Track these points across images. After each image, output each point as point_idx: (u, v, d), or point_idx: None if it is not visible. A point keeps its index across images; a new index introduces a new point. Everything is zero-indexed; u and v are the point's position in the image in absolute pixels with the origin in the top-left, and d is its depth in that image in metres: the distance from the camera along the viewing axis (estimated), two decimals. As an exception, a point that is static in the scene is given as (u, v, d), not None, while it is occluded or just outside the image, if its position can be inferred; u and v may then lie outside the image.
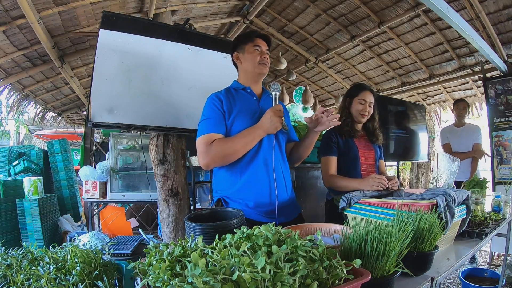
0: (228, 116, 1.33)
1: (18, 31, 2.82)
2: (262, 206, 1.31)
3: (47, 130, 7.95)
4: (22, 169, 2.67)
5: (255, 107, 1.39)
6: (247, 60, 1.41)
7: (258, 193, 1.31)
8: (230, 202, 1.35)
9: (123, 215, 3.99)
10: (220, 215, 1.04)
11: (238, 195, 1.33)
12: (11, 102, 4.12)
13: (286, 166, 1.44)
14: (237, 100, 1.38)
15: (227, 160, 1.30)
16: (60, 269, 0.69)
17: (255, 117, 1.33)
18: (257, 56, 1.39)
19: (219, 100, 1.35)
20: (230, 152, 1.27)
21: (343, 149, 1.78)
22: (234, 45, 1.48)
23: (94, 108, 1.88)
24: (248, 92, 1.43)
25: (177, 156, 2.41)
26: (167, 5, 3.14)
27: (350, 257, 0.72)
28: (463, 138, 3.35)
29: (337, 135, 1.80)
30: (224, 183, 1.37)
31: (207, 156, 1.28)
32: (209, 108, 1.35)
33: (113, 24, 1.96)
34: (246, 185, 1.31)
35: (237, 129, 1.31)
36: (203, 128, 1.32)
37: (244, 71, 1.45)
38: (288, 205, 1.38)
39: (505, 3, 2.98)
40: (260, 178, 1.31)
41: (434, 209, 1.00)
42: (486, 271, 2.50)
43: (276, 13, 4.09)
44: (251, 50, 1.40)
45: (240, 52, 1.43)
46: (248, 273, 0.51)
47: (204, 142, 1.29)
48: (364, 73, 4.89)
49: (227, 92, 1.41)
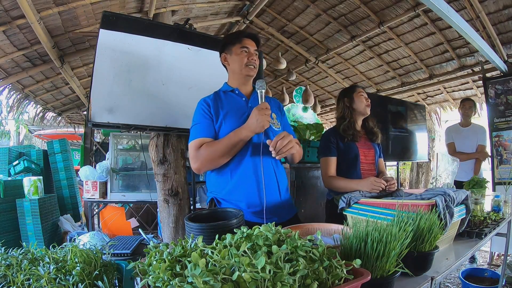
0: (216, 120, 1.33)
1: (18, 31, 2.82)
2: (253, 207, 1.30)
3: (47, 130, 7.95)
4: (22, 169, 2.67)
5: (243, 107, 1.38)
6: (234, 61, 1.39)
7: (248, 194, 1.30)
8: (222, 202, 1.35)
9: (123, 215, 3.99)
10: (220, 215, 1.04)
11: (229, 196, 1.33)
12: (11, 102, 4.11)
13: (279, 166, 1.41)
14: (225, 102, 1.37)
15: (216, 163, 1.30)
16: (60, 269, 0.69)
17: (244, 118, 1.31)
18: (245, 57, 1.36)
19: (207, 104, 1.36)
20: (217, 155, 1.27)
21: (343, 149, 1.79)
22: (222, 46, 1.44)
23: (94, 108, 1.88)
24: (237, 93, 1.41)
25: (177, 156, 2.41)
26: (167, 5, 3.14)
27: (350, 257, 0.72)
28: (467, 138, 3.30)
29: (337, 136, 1.81)
30: (216, 185, 1.37)
31: (197, 160, 1.29)
32: (198, 114, 1.36)
33: (113, 24, 1.96)
34: (236, 186, 1.31)
35: (225, 131, 1.30)
36: (193, 134, 1.33)
37: (232, 73, 1.44)
38: (281, 205, 1.37)
39: (505, 3, 2.98)
40: (250, 179, 1.30)
41: (433, 209, 1.00)
42: (486, 271, 2.50)
43: (276, 13, 4.09)
44: (238, 51, 1.37)
45: (228, 53, 1.41)
46: (248, 273, 0.51)
47: (194, 147, 1.30)
48: (364, 73, 4.89)
49: (215, 95, 1.40)
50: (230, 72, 1.45)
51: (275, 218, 1.29)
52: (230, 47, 1.40)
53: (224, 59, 1.43)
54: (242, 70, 1.37)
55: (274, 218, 1.29)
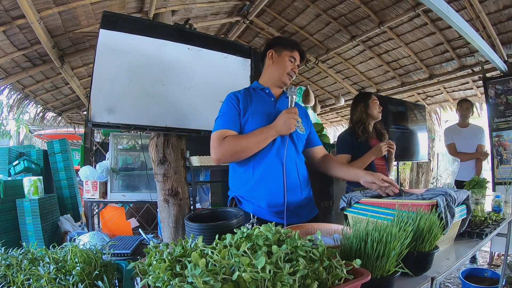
0: (243, 114, 1.35)
1: (18, 31, 2.82)
2: (274, 206, 1.32)
3: (47, 130, 7.96)
4: (22, 169, 2.67)
5: (271, 108, 1.41)
6: (279, 64, 1.43)
7: (269, 193, 1.32)
8: (243, 202, 1.37)
9: (123, 215, 3.99)
10: (220, 215, 1.04)
11: (250, 194, 1.35)
12: (11, 102, 4.12)
13: (302, 167, 1.43)
14: (254, 99, 1.40)
15: (237, 156, 1.32)
16: (60, 269, 0.69)
17: (270, 118, 1.35)
18: (289, 66, 1.43)
19: (236, 98, 1.38)
20: (241, 149, 1.29)
21: (358, 148, 2.06)
22: (272, 43, 1.49)
23: (94, 108, 1.88)
24: (267, 92, 1.45)
25: (177, 156, 2.41)
26: (167, 5, 3.14)
27: (350, 257, 0.71)
28: (467, 138, 3.32)
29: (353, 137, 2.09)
30: (238, 182, 1.40)
31: (219, 151, 1.30)
32: (226, 106, 1.38)
33: (113, 24, 1.96)
34: (258, 184, 1.33)
35: (250, 128, 1.33)
36: (218, 124, 1.35)
37: (270, 72, 1.46)
38: (302, 206, 1.38)
39: (505, 3, 2.98)
40: (272, 178, 1.32)
41: (434, 209, 1.00)
42: (486, 271, 2.50)
43: (276, 13, 4.09)
44: (286, 57, 1.42)
45: (276, 53, 1.44)
46: (248, 273, 0.51)
47: (217, 137, 1.31)
48: (364, 73, 4.89)
49: (245, 91, 1.44)
50: (269, 70, 1.47)
51: (295, 218, 1.30)
52: (281, 49, 1.44)
53: (271, 55, 1.45)
54: (283, 75, 1.43)
55: (295, 218, 1.31)
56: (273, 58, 1.45)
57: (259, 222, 1.27)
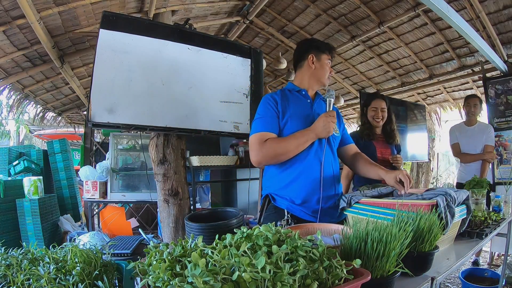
0: (282, 117, 1.37)
1: (18, 31, 2.82)
2: (308, 205, 1.34)
3: (47, 130, 7.95)
4: (22, 169, 2.67)
5: (308, 110, 1.43)
6: (321, 68, 1.46)
7: (306, 192, 1.34)
8: (277, 198, 1.39)
9: (123, 215, 3.99)
10: (220, 215, 1.04)
11: (285, 191, 1.37)
12: (11, 102, 4.12)
13: (336, 169, 1.46)
14: (291, 102, 1.42)
15: (278, 159, 1.35)
16: (60, 269, 0.69)
17: (308, 120, 1.37)
18: (329, 69, 1.47)
19: (274, 100, 1.40)
20: (282, 152, 1.32)
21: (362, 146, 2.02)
22: (310, 46, 1.49)
23: (94, 108, 1.88)
24: (303, 94, 1.47)
25: (177, 156, 2.41)
26: (167, 5, 3.14)
27: (350, 257, 0.71)
28: (473, 138, 2.99)
29: (357, 136, 2.12)
30: (274, 180, 1.41)
31: (260, 153, 1.33)
32: (264, 107, 1.40)
33: (113, 24, 1.96)
34: (294, 182, 1.35)
35: (289, 130, 1.35)
36: (257, 126, 1.36)
37: (311, 75, 1.47)
38: (335, 206, 1.40)
39: (505, 3, 2.98)
40: (309, 178, 1.35)
41: (434, 209, 1.00)
42: (486, 271, 2.50)
43: (276, 13, 4.09)
44: (325, 61, 1.46)
45: (316, 58, 1.46)
46: (248, 273, 0.51)
47: (257, 140, 1.33)
48: (364, 73, 4.89)
49: (282, 93, 1.45)
50: (308, 73, 1.48)
51: (326, 218, 1.33)
52: (320, 53, 1.46)
53: (312, 60, 1.46)
54: (325, 80, 1.49)
55: (326, 218, 1.33)
56: (315, 63, 1.46)
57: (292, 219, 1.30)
